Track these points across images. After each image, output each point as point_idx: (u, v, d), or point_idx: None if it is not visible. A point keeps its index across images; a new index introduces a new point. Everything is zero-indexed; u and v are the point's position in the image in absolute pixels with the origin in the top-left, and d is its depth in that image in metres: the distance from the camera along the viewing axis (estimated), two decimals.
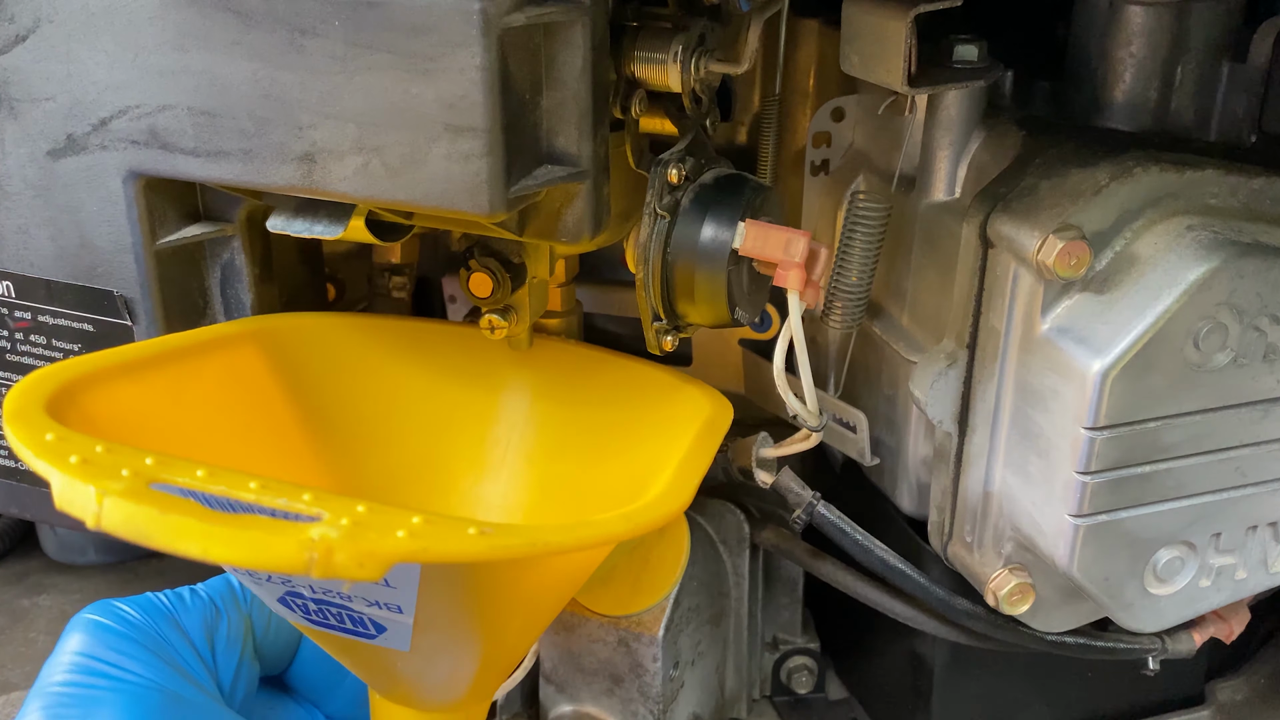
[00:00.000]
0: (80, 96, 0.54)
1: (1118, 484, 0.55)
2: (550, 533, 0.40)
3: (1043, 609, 0.63)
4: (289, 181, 0.52)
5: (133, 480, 0.37)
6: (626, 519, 0.45)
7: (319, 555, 0.34)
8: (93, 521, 0.35)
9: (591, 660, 0.68)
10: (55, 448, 0.39)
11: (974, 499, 0.62)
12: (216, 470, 0.39)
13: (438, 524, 0.37)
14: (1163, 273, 0.53)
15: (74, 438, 0.40)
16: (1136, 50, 0.60)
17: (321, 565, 0.34)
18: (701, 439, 0.57)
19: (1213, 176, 0.55)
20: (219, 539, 0.34)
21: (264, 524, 0.35)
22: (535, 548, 0.39)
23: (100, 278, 0.59)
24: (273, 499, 0.38)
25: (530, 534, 0.40)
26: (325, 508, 0.37)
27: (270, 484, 0.38)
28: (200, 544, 0.34)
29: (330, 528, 0.35)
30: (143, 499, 0.35)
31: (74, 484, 0.36)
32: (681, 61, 0.55)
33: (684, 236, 0.56)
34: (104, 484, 0.36)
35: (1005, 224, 0.56)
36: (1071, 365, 0.54)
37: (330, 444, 0.62)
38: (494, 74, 0.47)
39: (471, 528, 0.38)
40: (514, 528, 0.40)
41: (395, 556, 0.36)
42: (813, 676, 0.81)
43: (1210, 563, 0.60)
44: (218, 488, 0.38)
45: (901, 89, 0.57)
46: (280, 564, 0.34)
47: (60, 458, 0.38)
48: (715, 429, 0.58)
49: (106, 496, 0.35)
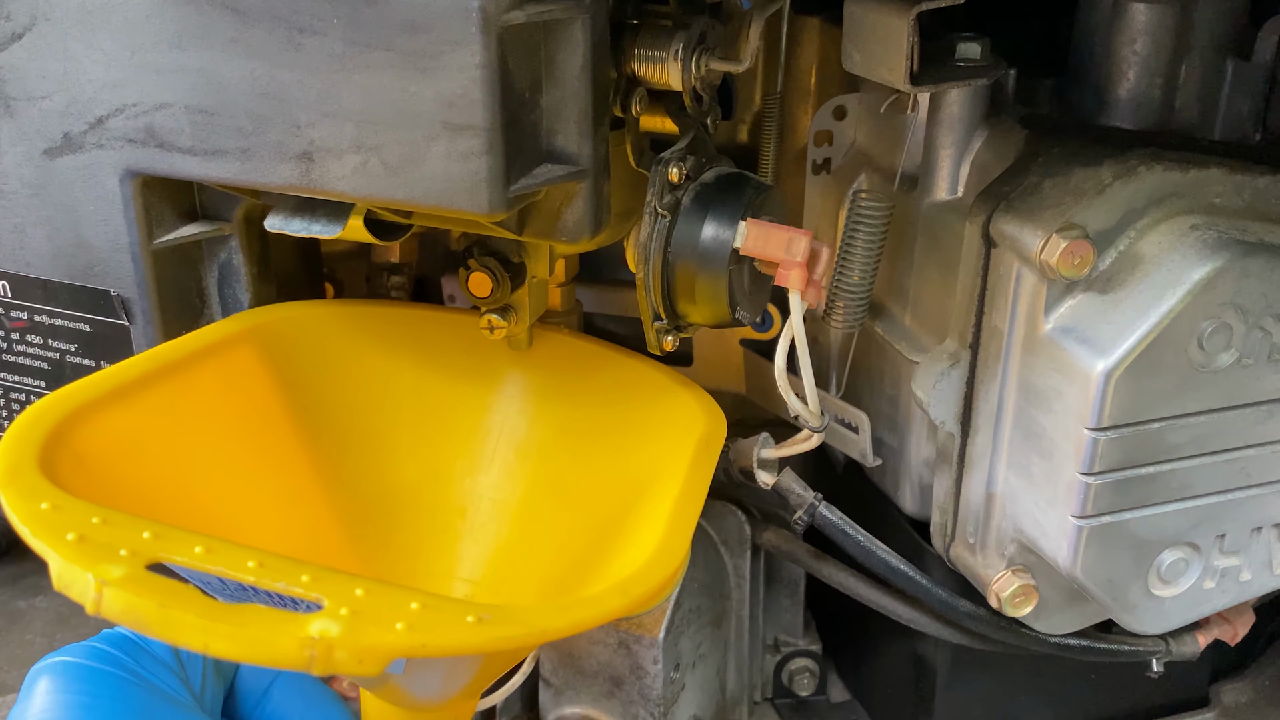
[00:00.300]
0: (77, 95, 0.54)
1: (1121, 485, 0.55)
2: (547, 618, 0.41)
3: (1046, 611, 0.63)
4: (287, 180, 0.52)
5: (131, 561, 0.37)
6: (624, 593, 0.45)
7: (319, 653, 0.36)
8: (92, 608, 0.36)
9: (591, 663, 0.68)
10: (51, 521, 0.39)
11: (976, 500, 0.62)
12: (215, 546, 0.39)
13: (436, 612, 0.38)
14: (1167, 272, 0.53)
15: (70, 506, 0.40)
16: (1140, 48, 0.60)
17: (322, 663, 0.36)
18: (695, 468, 0.56)
19: (1217, 175, 0.55)
20: (219, 635, 0.35)
21: (263, 617, 0.36)
22: (532, 636, 0.40)
23: (97, 277, 0.59)
24: (272, 581, 0.38)
25: (527, 622, 0.41)
26: (324, 592, 0.38)
27: (269, 563, 0.39)
28: (201, 639, 0.35)
29: (330, 621, 0.36)
30: (142, 589, 0.36)
31: (72, 569, 0.37)
32: (682, 59, 0.55)
33: (685, 236, 0.56)
34: (102, 569, 0.36)
35: (1008, 223, 0.56)
36: (1075, 365, 0.54)
37: (326, 439, 0.62)
38: (493, 72, 0.47)
39: (470, 614, 0.39)
40: (511, 613, 0.41)
41: (394, 653, 0.37)
42: (814, 679, 0.81)
43: (1215, 564, 0.60)
44: (216, 568, 0.39)
45: (904, 87, 0.57)
46: (281, 661, 0.36)
47: (57, 536, 0.38)
48: (708, 452, 0.58)
49: (106, 586, 0.36)
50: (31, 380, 0.63)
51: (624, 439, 0.64)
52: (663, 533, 0.50)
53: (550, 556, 0.63)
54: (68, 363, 0.62)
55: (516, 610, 0.41)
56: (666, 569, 0.47)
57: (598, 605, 0.44)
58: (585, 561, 0.60)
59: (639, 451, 0.62)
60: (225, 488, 0.55)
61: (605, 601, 0.44)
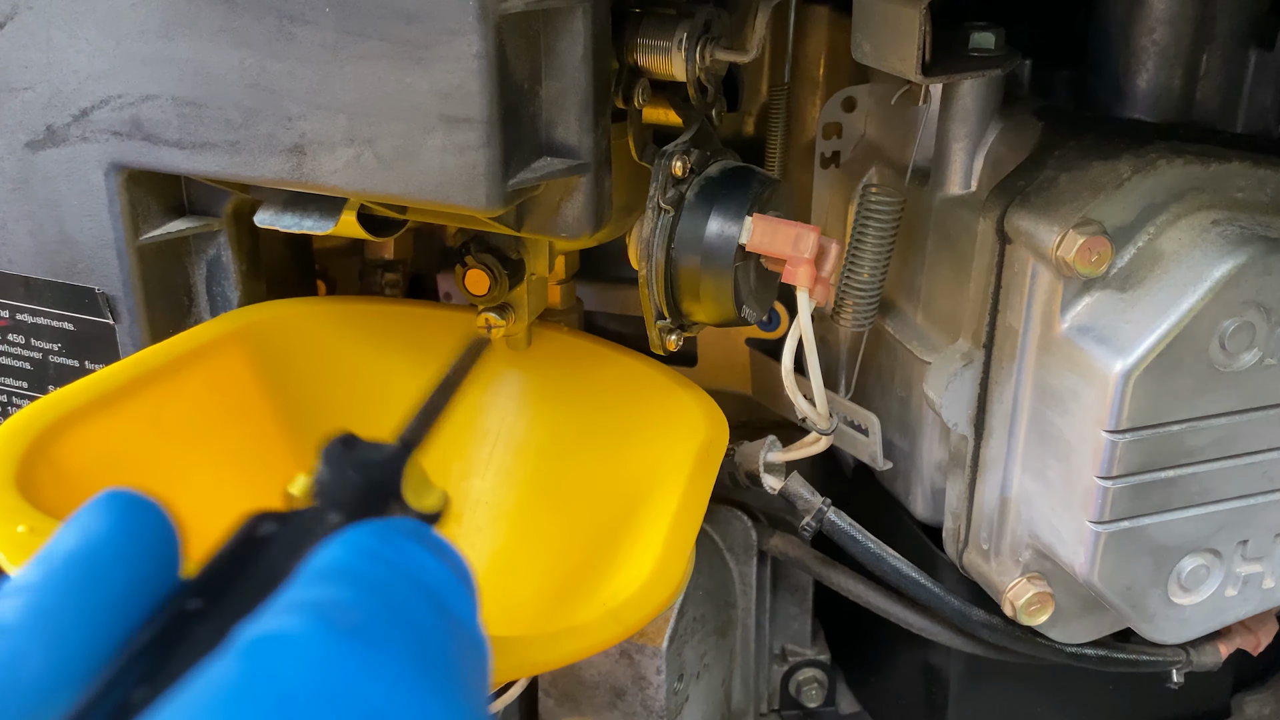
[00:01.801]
0: (60, 86, 0.54)
1: (1140, 489, 0.55)
2: (538, 650, 0.41)
3: (1062, 619, 0.63)
4: (277, 174, 0.52)
5: None
6: (618, 621, 0.45)
7: None
8: None
9: (592, 673, 0.68)
10: (29, 546, 0.39)
11: (990, 505, 0.62)
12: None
13: None
14: (1187, 269, 0.53)
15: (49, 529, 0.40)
16: (1160, 38, 0.60)
17: None
18: (694, 480, 0.56)
19: (1239, 169, 0.55)
20: None
21: None
22: (523, 669, 0.41)
23: (81, 274, 0.59)
24: None
25: (518, 654, 0.41)
26: None
27: None
28: None
29: None
30: None
31: None
32: (686, 49, 0.55)
33: (689, 232, 0.56)
34: None
35: (1023, 218, 0.56)
36: (1092, 366, 0.54)
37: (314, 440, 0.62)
38: (491, 62, 0.47)
39: None
40: (503, 645, 0.40)
41: None
42: (823, 689, 0.81)
43: (1237, 571, 0.60)
44: None
45: (915, 78, 0.57)
46: None
47: None
48: (709, 461, 0.58)
49: None
50: (13, 381, 0.63)
51: (624, 443, 0.64)
52: (659, 553, 0.50)
53: (546, 564, 0.63)
54: (51, 363, 0.62)
55: (505, 642, 0.40)
56: (662, 593, 0.47)
57: (591, 635, 0.44)
58: (582, 571, 0.60)
59: (639, 457, 0.62)
60: (213, 499, 0.55)
61: (599, 631, 0.44)
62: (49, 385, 0.62)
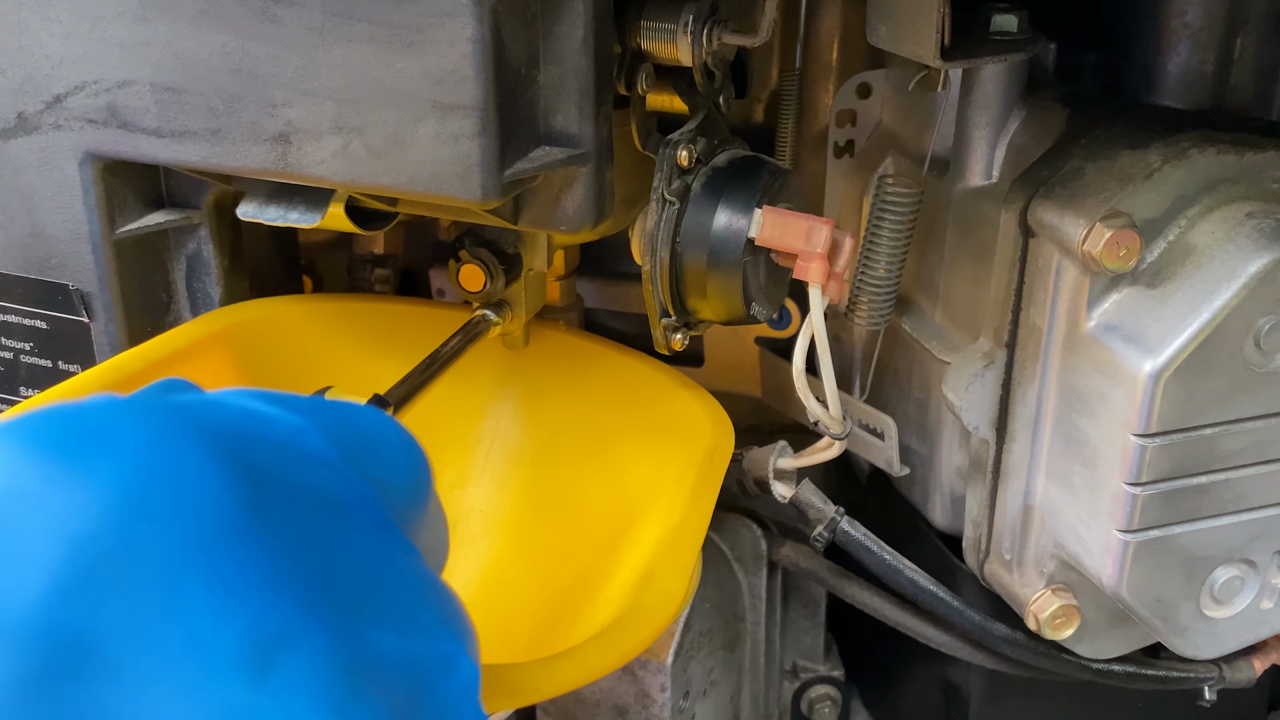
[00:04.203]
0: (32, 71, 0.54)
1: (1171, 496, 0.55)
2: (531, 678, 0.42)
3: (1088, 634, 0.63)
4: (261, 164, 0.52)
5: None
6: (615, 647, 0.45)
7: None
8: None
9: (593, 689, 0.68)
10: None
11: (1013, 513, 0.62)
12: None
13: None
14: (1220, 264, 0.53)
15: None
16: (1192, 20, 0.60)
17: None
18: (698, 491, 0.56)
19: (1275, 159, 0.55)
20: None
21: None
22: (514, 699, 0.41)
23: (54, 270, 0.59)
24: None
25: (511, 684, 0.41)
26: None
27: None
28: None
29: None
30: None
31: None
32: (692, 32, 0.55)
33: (695, 225, 0.56)
34: None
35: (1048, 211, 0.56)
36: (1120, 366, 0.54)
37: None
38: (486, 46, 0.47)
39: None
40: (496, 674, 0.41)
41: None
42: (836, 707, 0.81)
43: (1273, 583, 0.60)
44: None
45: (934, 62, 0.57)
46: None
47: None
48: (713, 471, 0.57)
49: None
50: None
51: (626, 448, 0.64)
52: (660, 571, 0.50)
53: (542, 577, 0.63)
54: (22, 363, 0.62)
55: (496, 670, 0.41)
56: (662, 615, 0.47)
57: (587, 662, 0.44)
58: (580, 585, 0.60)
59: (641, 463, 0.62)
60: None
61: (596, 657, 0.44)
62: (20, 387, 0.62)
